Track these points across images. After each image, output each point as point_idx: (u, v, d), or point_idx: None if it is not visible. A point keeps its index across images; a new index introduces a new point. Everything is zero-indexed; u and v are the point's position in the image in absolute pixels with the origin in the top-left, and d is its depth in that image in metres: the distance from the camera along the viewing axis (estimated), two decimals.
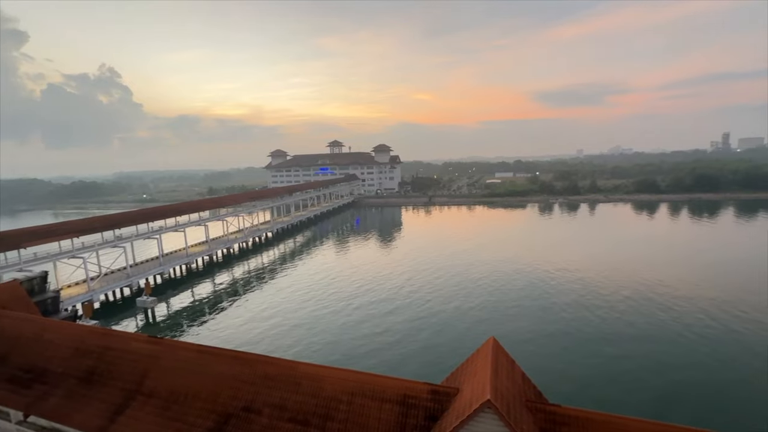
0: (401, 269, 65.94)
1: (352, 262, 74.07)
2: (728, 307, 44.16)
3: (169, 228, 72.47)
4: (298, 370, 14.54)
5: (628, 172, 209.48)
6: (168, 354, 16.69)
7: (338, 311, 48.42)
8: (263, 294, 57.18)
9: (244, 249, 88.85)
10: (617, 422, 11.02)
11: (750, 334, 37.99)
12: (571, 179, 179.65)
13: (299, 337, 41.75)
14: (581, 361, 34.64)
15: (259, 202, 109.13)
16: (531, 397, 12.26)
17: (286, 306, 51.18)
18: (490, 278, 58.70)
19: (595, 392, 29.93)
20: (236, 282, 64.58)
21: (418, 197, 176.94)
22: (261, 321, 46.52)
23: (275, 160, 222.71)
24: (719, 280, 53.83)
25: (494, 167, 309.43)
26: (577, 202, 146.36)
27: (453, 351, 35.96)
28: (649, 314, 43.40)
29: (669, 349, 35.71)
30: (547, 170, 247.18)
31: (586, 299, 48.59)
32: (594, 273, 58.89)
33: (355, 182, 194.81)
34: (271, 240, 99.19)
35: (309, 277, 64.66)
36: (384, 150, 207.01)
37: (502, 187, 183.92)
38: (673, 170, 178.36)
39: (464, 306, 48.32)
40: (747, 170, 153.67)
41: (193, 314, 50.42)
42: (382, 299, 51.84)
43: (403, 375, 31.64)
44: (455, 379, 13.57)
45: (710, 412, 27.24)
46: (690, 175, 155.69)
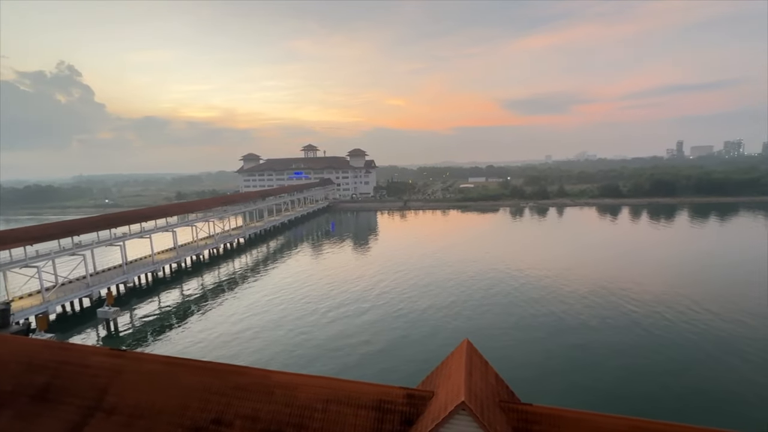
0: (376, 273, 65.91)
1: (327, 266, 73.34)
2: (684, 304, 46.87)
3: (134, 234, 69.20)
4: (271, 379, 14.18)
5: (593, 177, 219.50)
6: (132, 367, 15.84)
7: (313, 317, 47.71)
8: (235, 301, 55.52)
9: (215, 255, 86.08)
10: (587, 419, 11.41)
11: (702, 325, 40.47)
12: (540, 184, 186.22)
13: (272, 345, 40.77)
14: (552, 358, 35.71)
15: (230, 207, 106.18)
16: (504, 397, 12.51)
17: (258, 313, 49.90)
18: (464, 280, 59.68)
19: (566, 389, 30.90)
20: (206, 290, 62.39)
21: (393, 202, 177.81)
22: (233, 329, 45.10)
23: (248, 164, 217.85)
24: (675, 279, 57.11)
25: (467, 172, 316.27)
26: (546, 206, 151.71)
27: (429, 353, 36.18)
28: (614, 312, 45.36)
29: (633, 346, 37.42)
30: (518, 175, 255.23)
31: (555, 299, 50.26)
32: (562, 273, 61.06)
33: (330, 187, 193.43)
34: (243, 246, 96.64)
35: (282, 282, 63.42)
36: (359, 154, 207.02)
37: (475, 191, 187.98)
38: (634, 176, 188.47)
39: (439, 308, 48.83)
40: (699, 176, 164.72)
41: (159, 324, 48.20)
42: (357, 304, 51.56)
43: (379, 380, 31.58)
44: (431, 382, 13.65)
45: (675, 402, 28.74)
46: (649, 180, 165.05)
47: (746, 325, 40.75)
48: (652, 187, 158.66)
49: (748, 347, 36.22)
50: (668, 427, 11.04)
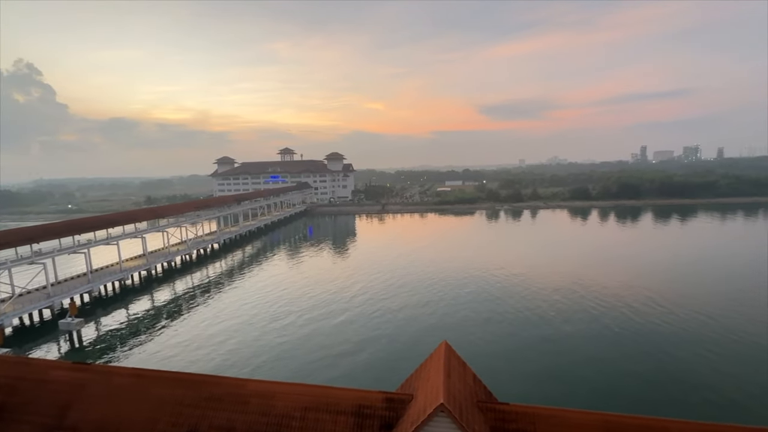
0: (354, 277, 65.61)
1: (305, 271, 72.40)
2: (648, 300, 49.11)
3: (100, 241, 66.04)
4: (247, 388, 13.81)
5: (564, 180, 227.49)
6: (97, 381, 15.05)
7: (290, 323, 46.90)
8: (209, 309, 53.84)
9: (188, 262, 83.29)
10: (561, 415, 11.73)
11: (664, 320, 42.52)
12: (514, 187, 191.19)
13: (248, 352, 39.76)
14: (528, 357, 36.52)
15: (204, 212, 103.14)
16: (482, 398, 12.69)
17: (233, 320, 48.58)
18: (442, 282, 60.28)
19: (541, 386, 31.65)
20: (178, 297, 60.21)
21: (371, 205, 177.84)
22: (206, 339, 43.68)
23: (222, 168, 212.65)
24: (640, 277, 59.79)
25: (444, 176, 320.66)
26: (520, 208, 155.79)
27: (408, 356, 36.25)
28: (584, 309, 46.94)
29: (601, 342, 38.83)
30: (493, 179, 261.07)
31: (531, 298, 51.50)
32: (536, 274, 62.73)
33: (307, 190, 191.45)
34: (217, 251, 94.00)
35: (258, 288, 62.06)
36: (337, 158, 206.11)
37: (452, 195, 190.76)
38: (602, 179, 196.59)
39: (417, 311, 49.07)
40: (661, 180, 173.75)
41: (128, 335, 46.07)
42: (335, 309, 51.11)
43: (358, 385, 31.32)
44: (410, 385, 13.68)
45: (641, 394, 29.97)
46: (616, 183, 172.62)
47: (704, 320, 43.06)
48: (619, 190, 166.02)
49: (706, 340, 38.28)
50: (636, 420, 11.50)
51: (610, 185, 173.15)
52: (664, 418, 11.62)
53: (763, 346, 36.92)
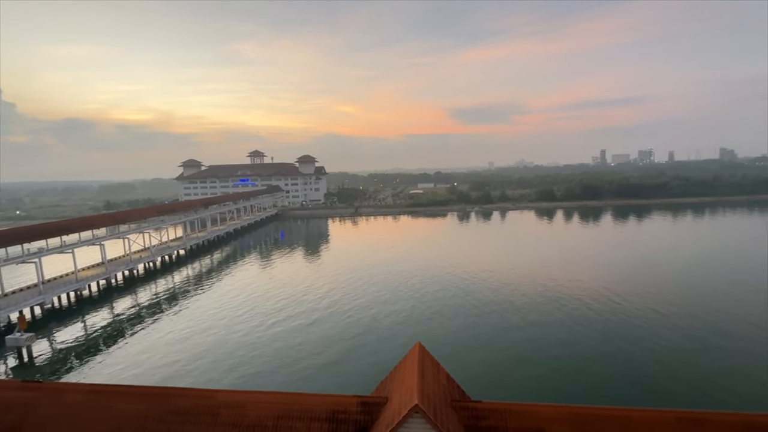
0: (327, 281, 64.94)
1: (276, 276, 70.88)
2: (608, 296, 51.73)
3: (53, 249, 61.77)
4: (217, 399, 13.33)
5: (530, 182, 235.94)
6: (50, 400, 14.03)
7: (261, 330, 45.70)
8: (174, 318, 51.53)
9: (151, 269, 79.43)
10: (531, 410, 12.12)
11: (624, 315, 44.94)
12: (484, 189, 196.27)
13: (217, 362, 38.35)
14: (498, 354, 37.42)
15: (168, 217, 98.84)
16: (455, 397, 12.89)
17: (201, 329, 46.74)
18: (414, 283, 60.75)
19: (512, 382, 32.50)
20: (141, 307, 57.25)
21: (344, 208, 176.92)
22: (172, 349, 41.74)
23: (188, 171, 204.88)
24: (602, 275, 62.91)
25: (417, 178, 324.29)
26: (490, 210, 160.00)
27: (382, 358, 36.19)
28: (550, 306, 48.75)
29: (568, 338, 40.47)
30: (464, 181, 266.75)
31: (499, 297, 52.87)
32: (504, 273, 64.48)
33: (278, 194, 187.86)
34: (183, 258, 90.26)
35: (227, 295, 60.11)
36: (309, 161, 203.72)
37: (424, 197, 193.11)
38: (565, 181, 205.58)
39: (390, 313, 49.16)
40: (619, 182, 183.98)
41: (85, 350, 43.23)
42: (308, 313, 50.34)
43: (333, 390, 30.99)
44: (385, 388, 13.68)
45: (607, 386, 31.44)
46: (578, 185, 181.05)
47: (656, 313, 45.83)
48: (581, 191, 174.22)
49: (658, 333, 40.77)
50: (601, 411, 12.06)
51: (573, 187, 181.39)
52: (626, 408, 12.27)
53: (705, 337, 39.76)
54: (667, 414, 11.76)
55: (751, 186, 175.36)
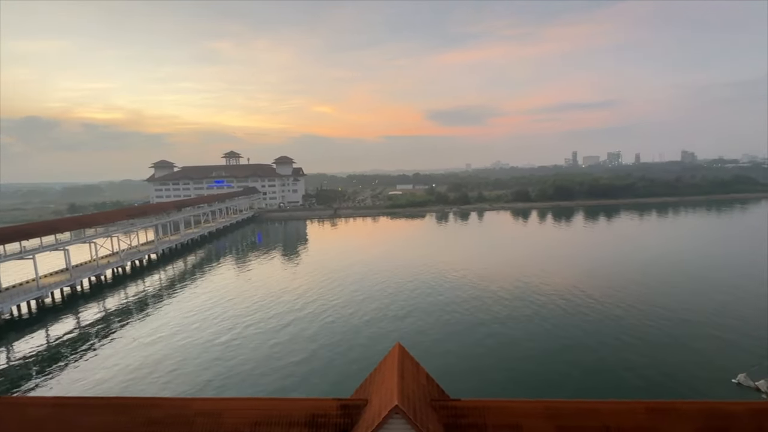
0: (306, 284, 64.18)
1: (253, 280, 69.42)
2: (579, 294, 53.57)
3: (12, 255, 58.21)
4: (192, 408, 12.90)
5: (506, 183, 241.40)
6: (9, 416, 13.20)
7: (237, 334, 44.63)
8: (146, 325, 49.56)
9: (120, 275, 76.15)
10: (508, 406, 12.37)
11: (593, 312, 46.66)
12: (462, 191, 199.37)
13: (192, 370, 37.15)
14: (476, 352, 38.01)
15: (139, 220, 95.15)
16: (435, 396, 12.99)
17: (175, 336, 45.17)
18: (394, 285, 60.90)
19: (489, 380, 33.06)
20: (109, 315, 54.75)
21: (323, 210, 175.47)
22: (143, 358, 40.12)
23: (159, 172, 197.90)
24: (573, 273, 65.12)
25: (395, 180, 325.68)
26: (468, 210, 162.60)
27: (363, 360, 36.07)
28: (524, 304, 50.00)
29: (542, 334, 41.62)
30: (442, 182, 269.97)
31: (475, 296, 53.75)
32: (480, 272, 65.63)
33: (255, 196, 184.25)
34: (155, 262, 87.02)
35: (202, 300, 58.38)
36: (286, 162, 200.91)
37: (403, 198, 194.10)
38: (539, 182, 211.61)
39: (370, 314, 49.09)
40: (590, 183, 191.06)
41: (48, 361, 40.90)
42: (286, 316, 49.57)
43: (313, 394, 30.61)
44: (365, 390, 13.63)
45: (577, 380, 32.48)
46: (552, 186, 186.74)
47: (626, 310, 47.81)
48: (554, 192, 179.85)
49: (629, 328, 42.57)
50: (573, 404, 12.45)
51: (546, 188, 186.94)
52: (597, 400, 12.71)
53: (669, 331, 41.83)
54: (636, 405, 12.27)
55: (709, 187, 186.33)
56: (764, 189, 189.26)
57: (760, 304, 47.34)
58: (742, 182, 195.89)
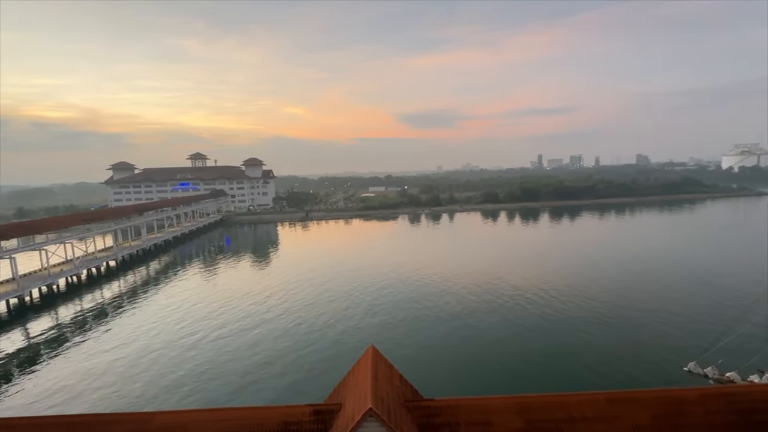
0: (276, 287, 62.83)
1: (221, 285, 67.14)
2: (544, 293, 55.76)
3: None
4: (154, 422, 12.28)
5: (476, 185, 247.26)
6: None
7: (204, 343, 42.98)
8: (104, 336, 46.72)
9: (75, 284, 71.41)
10: (480, 403, 12.65)
11: (557, 309, 48.71)
12: (433, 192, 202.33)
13: (155, 381, 35.40)
14: (448, 351, 38.59)
15: (96, 225, 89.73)
16: (409, 397, 13.08)
17: (135, 347, 42.87)
18: (366, 286, 60.80)
19: (462, 378, 33.68)
20: (63, 326, 51.18)
21: (294, 213, 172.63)
22: (102, 372, 37.79)
23: (119, 174, 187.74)
24: (539, 273, 67.67)
25: (368, 182, 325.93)
26: (439, 212, 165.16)
27: (337, 364, 35.74)
28: (493, 303, 51.46)
29: (510, 331, 42.91)
30: (414, 184, 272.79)
31: (445, 295, 54.69)
32: (451, 272, 66.89)
33: (223, 199, 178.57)
34: (115, 270, 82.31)
35: (166, 308, 55.79)
36: (256, 164, 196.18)
37: (375, 200, 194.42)
38: (507, 184, 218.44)
39: (343, 317, 48.73)
40: (555, 185, 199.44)
41: None
42: (256, 322, 48.31)
43: (285, 401, 29.98)
44: (338, 394, 13.51)
45: (545, 375, 33.69)
46: (519, 188, 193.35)
47: (586, 307, 50.28)
48: (522, 193, 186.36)
49: (590, 324, 44.75)
50: (542, 398, 12.91)
51: (514, 190, 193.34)
52: (563, 393, 13.25)
53: (626, 325, 44.38)
54: (599, 396, 12.91)
55: (661, 188, 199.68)
56: (709, 190, 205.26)
57: (705, 297, 51.17)
58: (689, 184, 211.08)
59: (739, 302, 46.62)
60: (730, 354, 30.33)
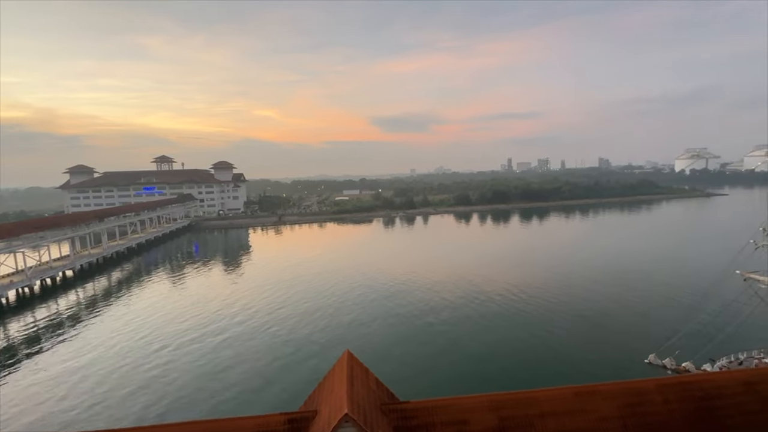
0: (248, 294, 61.21)
1: (190, 294, 64.62)
2: (515, 292, 57.44)
3: None
4: None
5: (449, 188, 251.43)
6: None
7: (172, 354, 41.18)
8: (61, 352, 43.76)
9: (26, 296, 66.58)
10: (455, 403, 12.82)
11: (525, 308, 50.32)
12: (407, 195, 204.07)
13: (121, 398, 33.53)
14: (423, 352, 38.93)
15: (50, 232, 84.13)
16: (385, 400, 13.07)
17: (97, 362, 40.43)
18: (341, 291, 60.38)
19: (438, 379, 34.01)
20: (13, 342, 47.53)
21: (266, 217, 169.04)
22: (61, 389, 35.36)
23: (76, 178, 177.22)
24: (507, 272, 69.64)
25: (342, 185, 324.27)
26: (413, 215, 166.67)
27: (312, 370, 35.18)
28: (465, 303, 52.45)
29: (481, 331, 43.86)
30: (388, 187, 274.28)
31: (419, 296, 55.23)
32: (423, 273, 67.64)
33: (191, 203, 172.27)
34: (72, 280, 77.43)
35: (131, 319, 53.04)
36: (226, 167, 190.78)
37: (350, 203, 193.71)
38: (479, 187, 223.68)
39: (318, 323, 48.11)
40: (524, 187, 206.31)
41: None
42: (227, 330, 46.83)
43: (260, 410, 29.19)
44: (314, 400, 13.31)
45: (525, 370, 34.62)
46: (490, 190, 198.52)
47: (551, 305, 52.22)
48: (493, 195, 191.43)
49: (555, 321, 46.49)
50: (514, 395, 13.27)
51: (485, 192, 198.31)
52: (533, 390, 13.67)
53: (588, 323, 46.47)
54: (566, 390, 13.41)
55: (621, 189, 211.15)
56: (664, 191, 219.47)
57: (662, 292, 54.41)
58: (646, 186, 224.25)
59: (691, 297, 49.88)
60: (685, 345, 32.35)
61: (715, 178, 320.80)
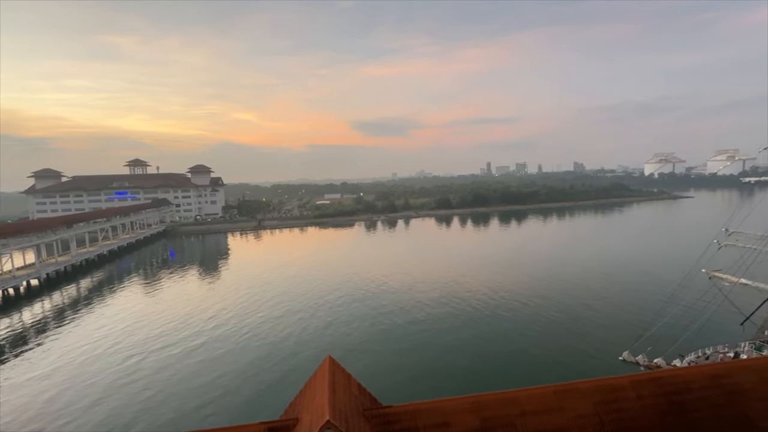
0: (226, 301, 59.75)
1: (165, 302, 62.51)
2: (495, 294, 58.40)
3: None
4: None
5: (430, 192, 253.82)
6: None
7: (147, 365, 39.65)
8: (23, 367, 41.40)
9: None
10: (438, 406, 12.83)
11: (504, 309, 51.25)
12: (389, 199, 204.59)
13: (92, 413, 31.96)
14: (405, 356, 38.94)
15: (13, 239, 79.78)
16: (367, 405, 12.96)
17: (63, 377, 38.46)
18: (322, 296, 59.82)
19: (419, 380, 34.06)
20: None
21: (246, 222, 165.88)
22: (23, 403, 33.39)
23: (42, 183, 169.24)
24: (488, 274, 70.79)
25: (323, 189, 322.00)
26: (395, 218, 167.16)
27: (293, 377, 34.59)
28: (447, 307, 52.93)
29: (464, 333, 44.29)
30: (369, 191, 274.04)
31: (400, 300, 55.36)
32: (404, 277, 67.88)
33: (166, 208, 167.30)
34: (37, 290, 73.57)
35: (101, 327, 50.78)
36: (203, 171, 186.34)
37: (331, 208, 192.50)
38: (459, 190, 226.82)
39: (298, 329, 47.44)
40: (502, 190, 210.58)
41: None
42: (203, 339, 45.52)
43: (239, 420, 28.44)
44: (295, 408, 13.06)
45: (499, 371, 35.09)
46: (470, 194, 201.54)
47: (528, 306, 53.35)
48: (473, 198, 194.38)
49: (532, 323, 47.50)
50: (496, 395, 13.41)
51: (466, 195, 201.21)
52: (514, 390, 13.87)
53: (564, 322, 47.73)
54: (546, 389, 13.65)
55: (595, 192, 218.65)
56: (634, 194, 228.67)
57: (634, 291, 56.47)
58: (618, 189, 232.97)
59: (661, 294, 51.95)
60: (656, 342, 33.58)
61: (682, 181, 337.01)
